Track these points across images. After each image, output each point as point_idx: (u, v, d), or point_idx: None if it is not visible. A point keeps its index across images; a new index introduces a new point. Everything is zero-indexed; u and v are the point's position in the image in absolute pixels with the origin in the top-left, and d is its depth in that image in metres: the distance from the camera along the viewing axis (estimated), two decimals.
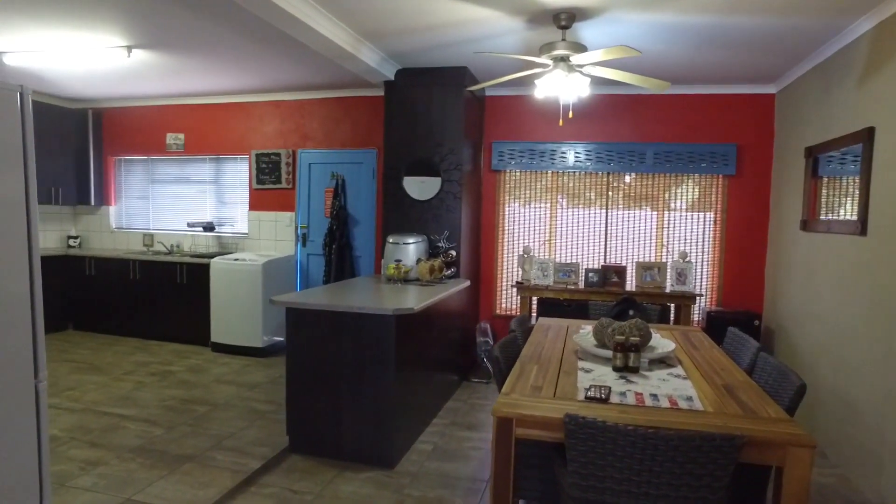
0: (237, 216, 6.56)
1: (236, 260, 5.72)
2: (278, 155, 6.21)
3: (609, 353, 2.54)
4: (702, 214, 5.17)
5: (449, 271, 4.66)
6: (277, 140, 6.27)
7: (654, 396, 2.15)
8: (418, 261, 4.37)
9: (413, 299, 3.55)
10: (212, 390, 4.56)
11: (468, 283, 4.79)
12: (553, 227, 5.41)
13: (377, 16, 3.60)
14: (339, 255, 5.91)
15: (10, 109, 2.11)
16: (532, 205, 5.45)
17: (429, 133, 4.85)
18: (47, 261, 6.29)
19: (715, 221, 5.15)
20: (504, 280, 5.60)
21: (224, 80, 5.60)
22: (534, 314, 5.26)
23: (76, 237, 7.08)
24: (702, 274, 5.19)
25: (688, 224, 5.20)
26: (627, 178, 5.26)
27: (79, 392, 4.45)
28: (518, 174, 5.46)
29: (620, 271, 4.97)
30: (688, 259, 4.87)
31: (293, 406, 3.46)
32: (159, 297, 6.13)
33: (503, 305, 5.62)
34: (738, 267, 5.14)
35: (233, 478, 3.08)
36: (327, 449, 3.39)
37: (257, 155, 6.29)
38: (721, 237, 5.15)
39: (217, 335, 5.79)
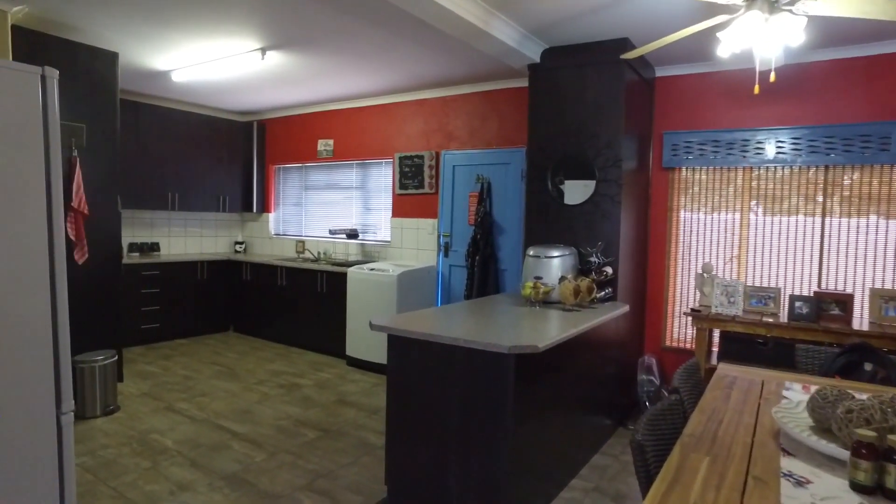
0: (381, 223, 6.27)
1: (372, 270, 5.38)
2: (421, 157, 5.78)
3: (842, 453, 1.52)
4: None
5: (602, 293, 3.75)
6: (420, 141, 5.85)
7: None
8: (562, 279, 3.55)
9: (545, 331, 2.76)
10: (331, 412, 4.19)
11: (627, 308, 3.83)
12: (744, 239, 4.19)
13: None
14: (482, 267, 5.28)
15: (30, 92, 1.80)
16: (715, 211, 4.29)
17: (581, 124, 4.00)
18: (214, 265, 6.58)
19: None
20: (676, 305, 4.49)
21: (364, 79, 5.31)
22: (714, 350, 4.10)
23: (242, 243, 7.40)
24: None
25: None
26: (855, 175, 3.86)
27: (208, 399, 4.37)
28: (697, 172, 4.34)
29: (844, 301, 3.62)
30: None
31: (394, 451, 2.87)
32: (302, 305, 6.05)
33: (674, 336, 4.51)
34: None
35: None
36: None
37: (400, 158, 5.93)
38: None
39: (352, 349, 5.50)
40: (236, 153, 7.08)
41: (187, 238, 7.02)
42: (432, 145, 5.76)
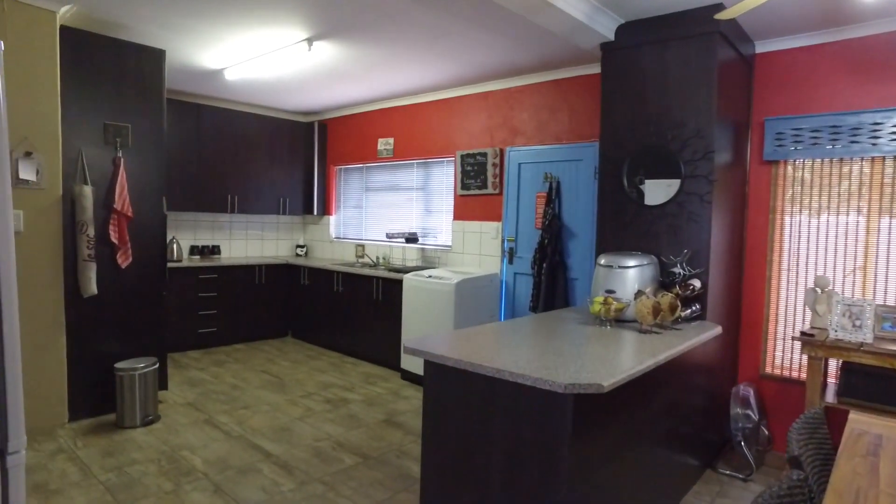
0: (441, 226, 5.86)
1: (429, 277, 4.97)
2: (484, 155, 5.32)
3: None
4: None
5: (687, 310, 3.14)
6: (483, 137, 5.39)
7: None
8: (638, 294, 2.97)
9: (615, 362, 2.23)
10: (375, 434, 3.81)
11: (719, 329, 3.19)
12: (870, 247, 3.42)
13: None
14: (549, 276, 4.75)
15: None
16: (831, 212, 3.54)
17: (663, 111, 3.40)
18: (273, 269, 6.42)
19: None
20: (780, 326, 3.77)
21: (421, 72, 4.92)
22: (831, 381, 3.37)
23: (303, 246, 7.23)
24: None
25: None
26: None
27: (249, 413, 4.12)
28: (807, 165, 3.61)
29: None
30: None
31: (429, 491, 2.42)
32: (358, 313, 5.74)
33: (776, 362, 3.78)
34: None
35: None
36: None
37: (462, 156, 5.50)
38: None
39: (406, 362, 5.12)
40: (297, 154, 6.91)
41: (248, 241, 6.93)
42: (496, 141, 5.29)
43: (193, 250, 6.32)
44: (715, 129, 3.22)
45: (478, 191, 5.40)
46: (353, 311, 5.79)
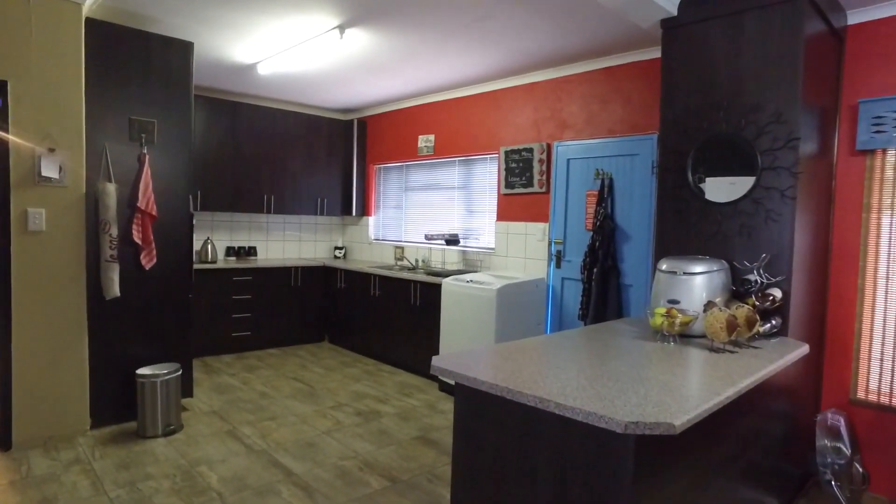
0: (484, 227, 5.50)
1: (469, 282, 4.63)
2: (530, 150, 4.94)
3: None
4: None
5: (767, 325, 2.68)
6: (530, 132, 5.01)
7: None
8: (708, 306, 2.54)
9: (684, 390, 1.83)
10: (406, 452, 3.49)
11: (805, 349, 2.71)
12: None
13: None
14: (601, 282, 4.33)
15: None
16: None
17: (736, 93, 2.95)
18: (309, 271, 6.22)
19: None
20: (874, 343, 3.23)
21: (462, 62, 4.59)
22: None
23: (341, 248, 7.01)
24: None
25: None
26: None
27: (275, 425, 3.87)
28: None
29: None
30: None
31: None
32: (395, 318, 5.45)
33: (870, 386, 3.25)
34: None
35: None
36: None
37: (506, 152, 5.14)
38: None
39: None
40: (336, 153, 6.70)
41: (286, 242, 6.75)
42: (543, 136, 4.90)
43: (229, 251, 6.17)
44: (800, 113, 2.76)
45: (523, 189, 5.02)
46: (390, 316, 5.50)
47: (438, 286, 4.90)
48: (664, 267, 2.84)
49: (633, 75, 4.28)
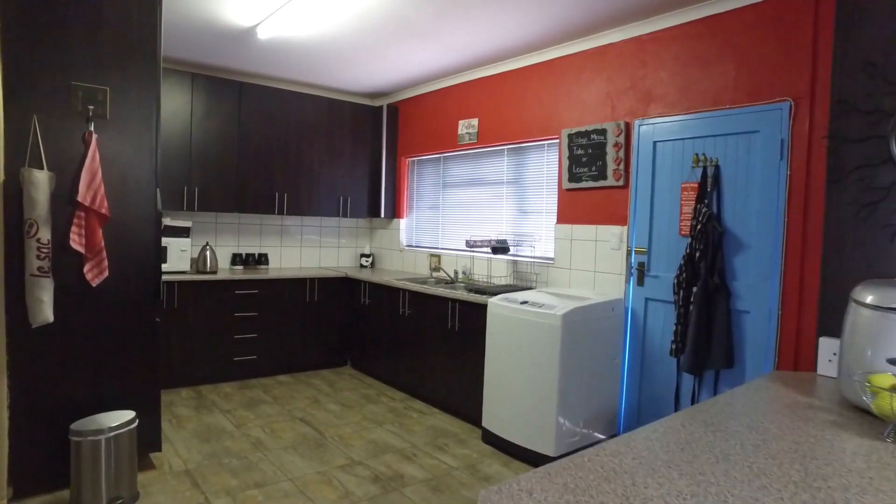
0: (541, 232, 4.39)
1: (523, 304, 3.52)
2: (602, 132, 3.81)
3: None
4: None
5: None
6: (601, 109, 3.88)
7: None
8: None
9: None
10: None
11: None
12: None
13: None
14: (703, 306, 3.17)
15: None
16: None
17: None
18: (328, 283, 5.24)
19: None
20: None
21: (512, 19, 3.50)
22: None
23: (368, 256, 6.00)
24: None
25: None
26: None
27: (261, 497, 2.85)
28: None
29: None
30: None
31: None
32: (428, 344, 4.38)
33: None
34: None
35: None
36: None
37: (570, 136, 4.02)
38: None
39: (490, 419, 3.68)
40: (362, 144, 5.70)
41: (303, 248, 5.79)
42: (619, 113, 3.76)
43: (236, 259, 5.24)
44: None
45: (592, 182, 3.89)
46: (422, 340, 4.44)
47: (483, 307, 3.81)
48: (870, 299, 1.67)
49: (749, 24, 3.11)
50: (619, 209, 3.75)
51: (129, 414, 2.84)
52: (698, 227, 3.25)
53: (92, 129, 2.83)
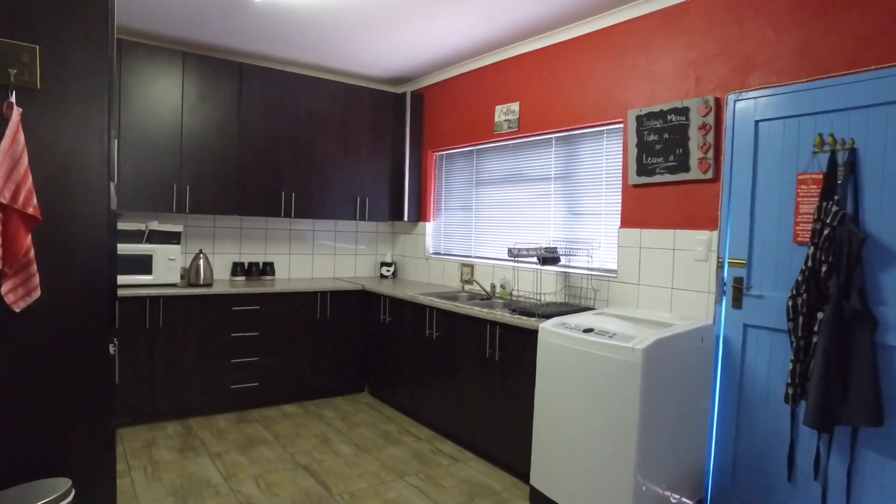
0: (599, 237, 3.58)
1: (587, 332, 2.71)
2: (683, 111, 2.99)
3: None
4: None
5: None
6: (680, 83, 3.06)
7: None
8: None
9: None
10: None
11: None
12: None
13: None
14: (835, 338, 2.36)
15: None
16: None
17: None
18: (344, 297, 4.51)
19: None
20: None
21: None
22: None
23: (390, 265, 5.25)
24: None
25: None
26: None
27: None
28: None
29: None
30: None
31: None
32: (461, 374, 3.60)
33: None
34: None
35: None
36: None
37: (639, 118, 3.20)
38: None
39: (541, 477, 2.87)
40: (382, 136, 4.96)
41: (315, 256, 5.07)
42: (706, 87, 2.94)
43: (236, 269, 4.54)
44: None
45: (670, 176, 3.07)
46: (453, 368, 3.66)
47: (532, 333, 3.01)
48: None
49: None
50: (707, 209, 2.92)
51: (62, 483, 2.11)
52: (825, 231, 2.41)
53: (13, 100, 2.12)
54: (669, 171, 3.06)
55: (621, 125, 3.37)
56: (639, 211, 3.25)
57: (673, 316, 2.98)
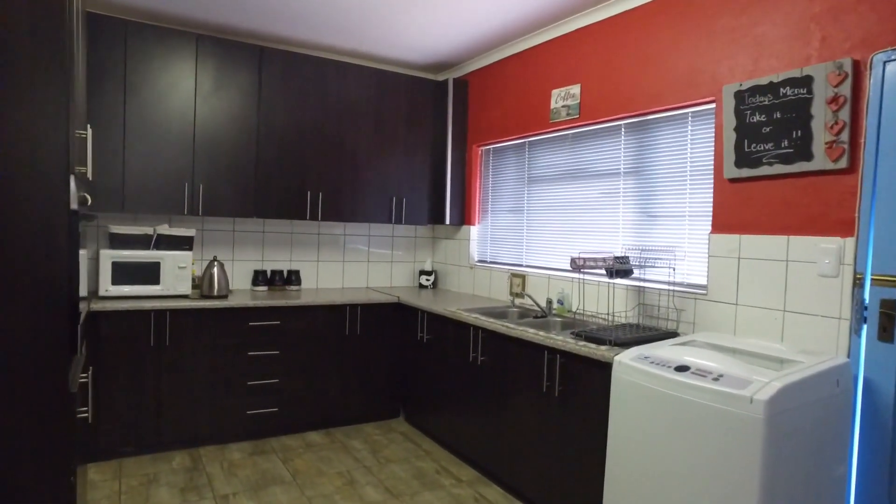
0: (683, 245, 2.91)
1: (681, 370, 2.06)
2: (803, 82, 2.31)
3: None
4: None
5: None
6: (797, 46, 2.37)
7: None
8: None
9: None
10: None
11: None
12: None
13: None
14: None
15: None
16: None
17: None
18: (376, 311, 3.98)
19: None
20: None
21: None
22: None
23: (430, 273, 4.70)
24: None
25: None
26: None
27: None
28: None
29: None
30: None
31: None
32: (512, 407, 2.99)
33: None
34: None
35: None
36: None
37: (739, 94, 2.53)
38: None
39: None
40: (422, 129, 4.41)
41: (346, 264, 4.55)
42: (837, 48, 2.25)
43: (258, 278, 4.07)
44: None
45: (782, 166, 2.38)
46: (502, 399, 3.06)
47: (602, 366, 2.38)
48: None
49: None
50: (838, 209, 2.23)
51: None
52: None
53: None
54: (782, 161, 2.38)
55: (712, 105, 2.70)
56: (737, 212, 2.58)
57: (787, 348, 2.30)
